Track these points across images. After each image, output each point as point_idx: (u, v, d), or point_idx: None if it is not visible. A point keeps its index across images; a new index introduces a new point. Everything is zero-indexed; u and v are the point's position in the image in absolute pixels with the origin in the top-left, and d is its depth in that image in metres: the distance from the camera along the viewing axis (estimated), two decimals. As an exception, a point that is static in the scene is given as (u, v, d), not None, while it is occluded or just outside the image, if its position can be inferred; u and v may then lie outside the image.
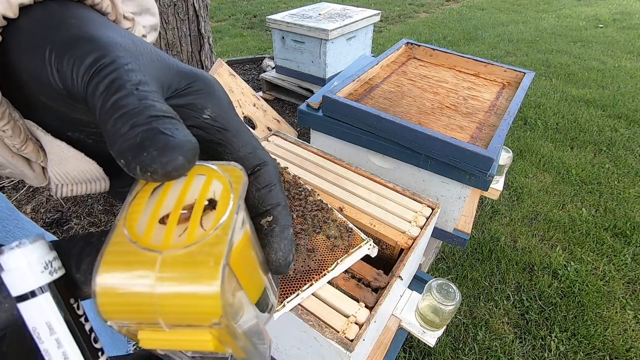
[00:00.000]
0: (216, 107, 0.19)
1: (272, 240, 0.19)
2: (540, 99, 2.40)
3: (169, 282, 0.13)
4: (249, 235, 0.18)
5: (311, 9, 2.07)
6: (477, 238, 1.42)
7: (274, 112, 1.68)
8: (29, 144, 0.20)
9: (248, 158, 0.19)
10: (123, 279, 0.14)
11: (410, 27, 3.78)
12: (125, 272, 0.14)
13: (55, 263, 0.16)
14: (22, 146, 0.20)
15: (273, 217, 0.19)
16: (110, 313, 0.14)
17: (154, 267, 0.14)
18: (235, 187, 0.16)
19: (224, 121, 0.19)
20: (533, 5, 4.65)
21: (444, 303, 0.64)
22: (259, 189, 0.19)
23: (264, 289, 0.21)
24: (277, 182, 0.19)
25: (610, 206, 1.57)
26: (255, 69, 2.62)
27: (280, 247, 0.19)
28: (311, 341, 0.56)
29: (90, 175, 0.22)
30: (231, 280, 0.15)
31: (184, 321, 0.14)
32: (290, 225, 0.20)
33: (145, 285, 0.13)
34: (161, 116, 0.15)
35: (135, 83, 0.15)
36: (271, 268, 0.19)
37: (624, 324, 1.15)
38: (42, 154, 0.21)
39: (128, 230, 0.15)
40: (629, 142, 1.99)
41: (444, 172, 0.85)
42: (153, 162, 0.14)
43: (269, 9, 4.18)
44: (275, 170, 0.20)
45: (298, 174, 0.76)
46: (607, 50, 3.18)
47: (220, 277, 0.13)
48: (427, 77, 1.12)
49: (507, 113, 0.90)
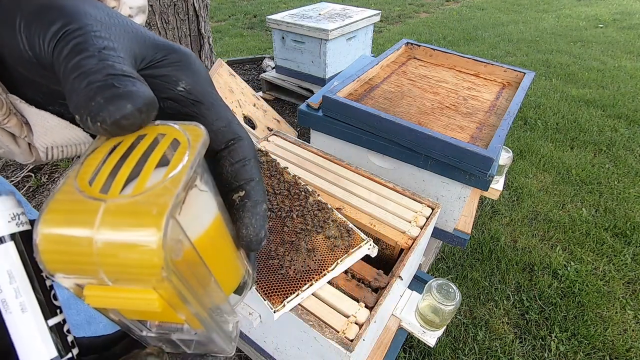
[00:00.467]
0: (191, 79, 0.18)
1: (243, 215, 0.18)
2: (540, 99, 2.40)
3: (109, 231, 0.13)
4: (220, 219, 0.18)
5: (311, 9, 2.07)
6: (477, 238, 1.42)
7: (274, 112, 1.68)
8: (12, 118, 0.20)
9: (222, 132, 0.19)
10: (64, 227, 0.13)
11: (410, 27, 3.78)
12: (67, 221, 0.13)
13: (22, 217, 0.16)
14: (4, 119, 0.20)
15: (245, 192, 0.18)
16: (52, 264, 0.13)
17: (95, 215, 0.13)
18: (193, 144, 0.15)
19: (199, 94, 0.18)
20: (533, 5, 4.65)
21: (444, 303, 0.64)
22: (233, 164, 0.18)
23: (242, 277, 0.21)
24: (252, 157, 0.19)
25: (610, 206, 1.57)
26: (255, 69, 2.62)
27: (251, 223, 0.18)
28: (311, 341, 0.56)
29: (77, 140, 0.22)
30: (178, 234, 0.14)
31: (125, 274, 0.13)
32: (264, 202, 0.19)
33: (86, 233, 0.13)
34: (120, 75, 0.14)
35: (100, 47, 0.15)
36: (241, 244, 0.19)
37: (624, 324, 1.15)
38: (25, 129, 0.21)
39: (79, 182, 0.14)
40: (629, 142, 1.98)
41: (444, 172, 0.85)
42: (101, 110, 0.14)
43: (269, 9, 4.18)
44: (250, 145, 0.19)
45: (298, 174, 0.76)
46: (607, 50, 3.18)
47: (163, 228, 0.13)
48: (427, 77, 1.12)
49: (507, 113, 0.90)
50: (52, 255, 0.13)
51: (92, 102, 0.14)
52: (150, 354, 0.15)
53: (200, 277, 0.16)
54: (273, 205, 0.66)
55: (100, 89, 0.14)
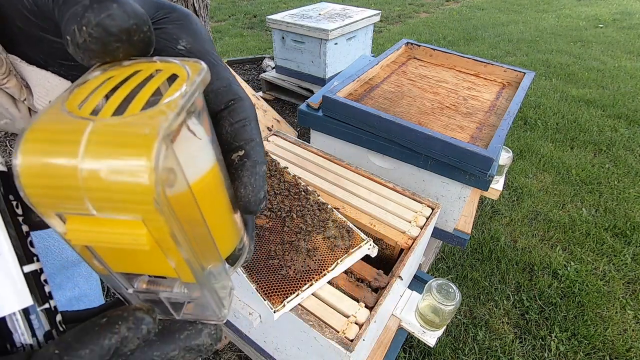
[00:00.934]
0: (191, 37, 0.18)
1: (241, 174, 0.18)
2: (540, 99, 2.40)
3: (97, 152, 0.11)
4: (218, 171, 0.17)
5: (311, 9, 2.07)
6: (477, 238, 1.42)
7: (274, 112, 1.68)
8: (11, 79, 0.20)
9: (222, 92, 0.18)
10: (48, 149, 0.12)
11: (410, 27, 3.78)
12: (51, 142, 0.12)
13: None
14: (4, 79, 0.20)
15: (245, 151, 0.18)
16: (33, 190, 0.12)
17: (81, 135, 0.12)
18: (192, 77, 0.15)
19: (199, 53, 0.18)
20: (533, 5, 4.65)
21: (444, 303, 0.64)
22: (232, 124, 0.18)
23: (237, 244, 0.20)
24: (252, 118, 0.19)
25: (610, 206, 1.57)
26: (255, 69, 2.62)
27: (250, 182, 0.18)
28: (311, 341, 0.56)
29: None
30: (172, 163, 0.13)
31: (112, 202, 0.12)
32: (264, 163, 0.19)
33: (70, 154, 0.11)
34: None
35: None
36: (239, 204, 0.18)
37: (624, 324, 1.15)
38: (25, 92, 0.21)
39: (67, 106, 0.13)
40: (629, 142, 1.98)
41: (444, 172, 0.85)
42: (86, 11, 0.14)
43: (269, 9, 4.18)
44: (251, 106, 0.19)
45: (298, 174, 0.76)
46: (607, 50, 3.18)
47: (156, 148, 0.11)
48: (427, 77, 1.12)
49: (507, 113, 0.90)
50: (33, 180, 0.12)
51: (78, 8, 0.14)
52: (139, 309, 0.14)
53: (195, 224, 0.15)
54: (273, 205, 0.66)
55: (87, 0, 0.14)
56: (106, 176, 0.11)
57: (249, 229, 0.21)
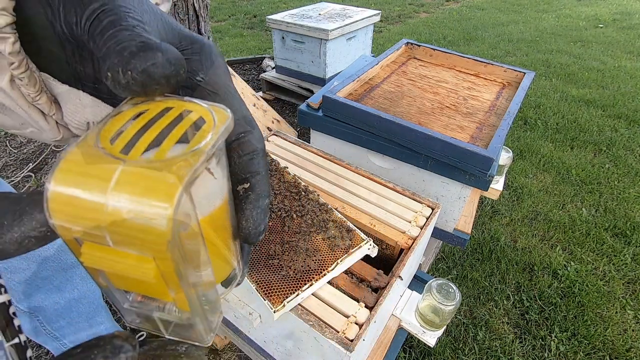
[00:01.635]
0: (210, 70, 0.19)
1: (244, 207, 0.19)
2: (540, 99, 2.40)
3: (124, 193, 0.12)
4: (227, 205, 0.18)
5: (311, 9, 2.07)
6: (477, 238, 1.42)
7: (274, 112, 1.68)
8: (43, 95, 0.21)
9: (235, 124, 0.19)
10: (79, 182, 0.13)
11: (410, 27, 3.78)
12: (83, 175, 0.13)
13: None
14: (37, 96, 0.21)
15: (250, 184, 0.19)
16: (59, 215, 0.13)
17: (112, 174, 0.13)
18: (218, 125, 0.16)
19: (216, 85, 0.19)
20: (533, 5, 4.65)
21: (444, 303, 0.64)
22: (241, 156, 0.19)
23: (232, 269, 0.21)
24: (260, 151, 0.20)
25: (610, 206, 1.57)
26: (255, 69, 2.62)
27: (252, 215, 0.19)
28: (311, 341, 0.56)
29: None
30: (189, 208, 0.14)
31: (130, 238, 0.13)
32: (267, 196, 0.20)
33: (99, 190, 0.12)
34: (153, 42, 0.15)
35: (133, 25, 0.15)
36: (240, 235, 0.19)
37: (624, 324, 1.15)
38: (54, 107, 0.22)
39: (101, 139, 0.14)
40: (629, 142, 1.98)
41: (444, 172, 0.85)
42: (132, 57, 0.14)
43: (269, 9, 4.18)
44: (260, 138, 0.20)
45: (298, 174, 0.76)
46: (607, 50, 3.18)
47: (177, 198, 0.12)
48: (427, 77, 1.12)
49: (507, 113, 0.90)
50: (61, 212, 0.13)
51: (125, 53, 0.14)
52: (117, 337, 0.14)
53: (198, 258, 0.16)
54: (273, 205, 0.66)
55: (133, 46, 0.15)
56: (129, 216, 0.12)
57: (245, 254, 0.22)
